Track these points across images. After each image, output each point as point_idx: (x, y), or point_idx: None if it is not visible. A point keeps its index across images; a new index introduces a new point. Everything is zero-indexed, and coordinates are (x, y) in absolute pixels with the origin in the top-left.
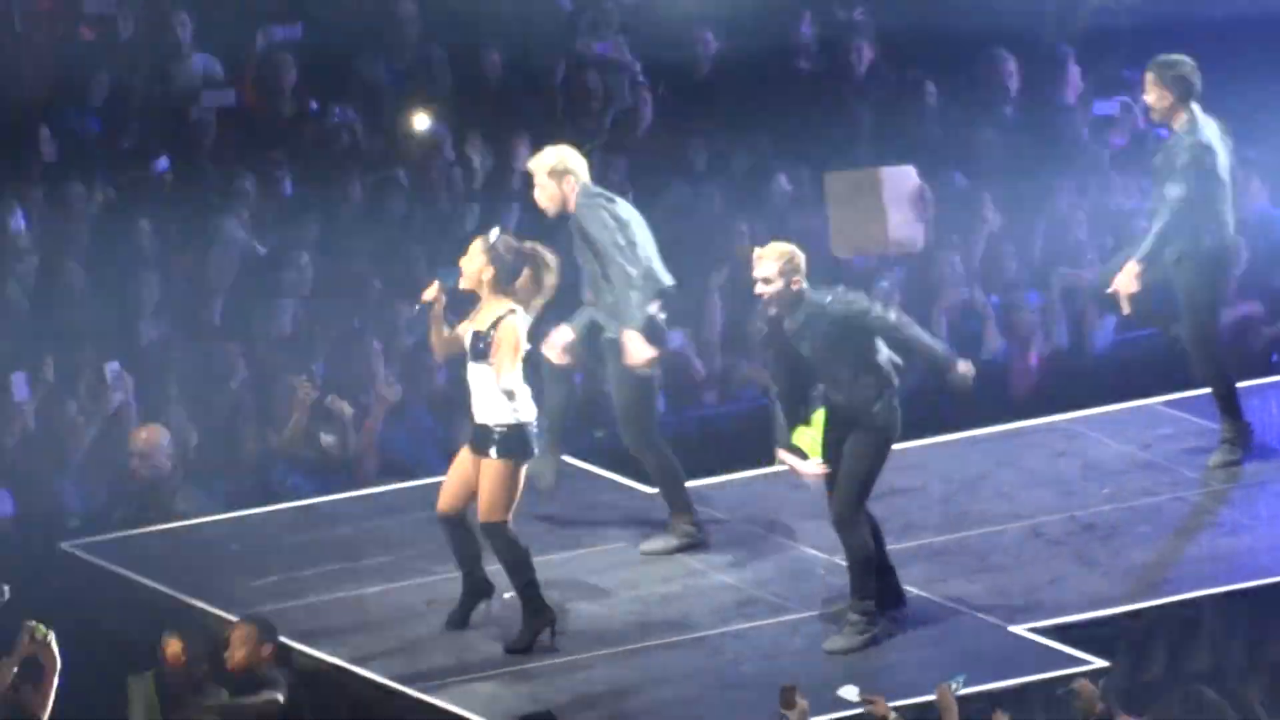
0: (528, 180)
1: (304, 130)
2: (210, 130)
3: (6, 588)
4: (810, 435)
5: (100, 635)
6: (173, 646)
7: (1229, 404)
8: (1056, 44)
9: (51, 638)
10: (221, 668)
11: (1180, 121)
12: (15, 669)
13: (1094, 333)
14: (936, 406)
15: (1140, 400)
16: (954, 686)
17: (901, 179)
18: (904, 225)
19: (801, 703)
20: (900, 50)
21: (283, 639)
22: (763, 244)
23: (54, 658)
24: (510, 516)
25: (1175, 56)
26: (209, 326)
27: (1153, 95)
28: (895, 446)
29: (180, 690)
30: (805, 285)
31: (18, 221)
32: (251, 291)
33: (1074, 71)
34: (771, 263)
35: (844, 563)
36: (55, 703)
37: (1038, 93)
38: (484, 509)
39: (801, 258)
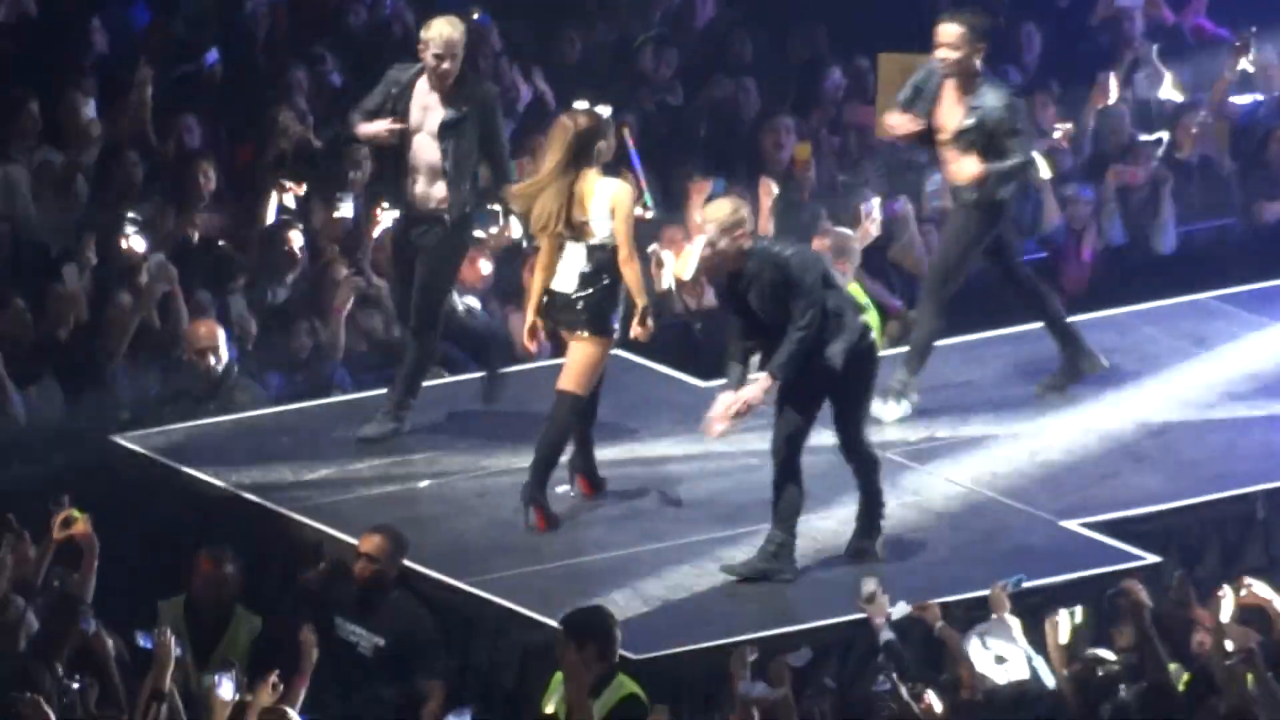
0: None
1: (354, 21)
2: (264, 22)
3: (66, 499)
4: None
5: (150, 528)
6: (205, 565)
7: None
8: None
9: (86, 521)
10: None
11: None
12: (49, 557)
13: (1149, 229)
14: (992, 298)
15: (1194, 295)
16: (1008, 587)
17: None
18: None
19: (881, 598)
20: None
21: (333, 531)
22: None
23: (92, 542)
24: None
25: None
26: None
27: None
28: (951, 340)
29: (210, 616)
30: (752, 239)
31: (89, 110)
32: (310, 184)
33: None
34: (713, 226)
35: (895, 457)
36: (103, 595)
37: None
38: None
39: (746, 209)
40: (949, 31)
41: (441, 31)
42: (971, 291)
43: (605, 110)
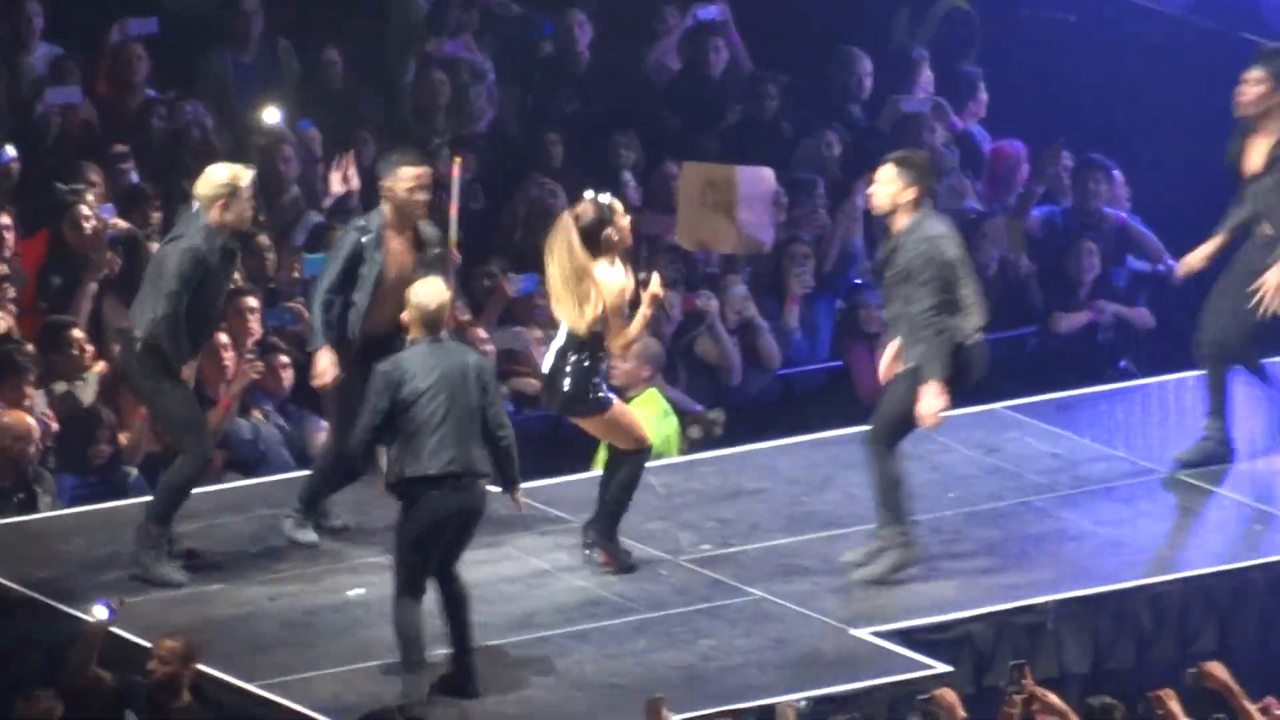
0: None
1: (153, 124)
2: (54, 125)
3: None
4: None
5: None
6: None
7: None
8: (911, 46)
9: None
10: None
11: None
12: None
13: None
14: (784, 409)
15: (986, 405)
16: (800, 706)
17: (757, 179)
18: (754, 225)
19: (667, 715)
20: (756, 49)
21: (124, 633)
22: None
23: None
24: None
25: None
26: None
27: None
28: (737, 449)
29: None
30: None
31: None
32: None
33: (926, 75)
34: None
35: (687, 564)
36: None
37: (889, 93)
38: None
39: None
40: None
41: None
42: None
43: (606, 198)
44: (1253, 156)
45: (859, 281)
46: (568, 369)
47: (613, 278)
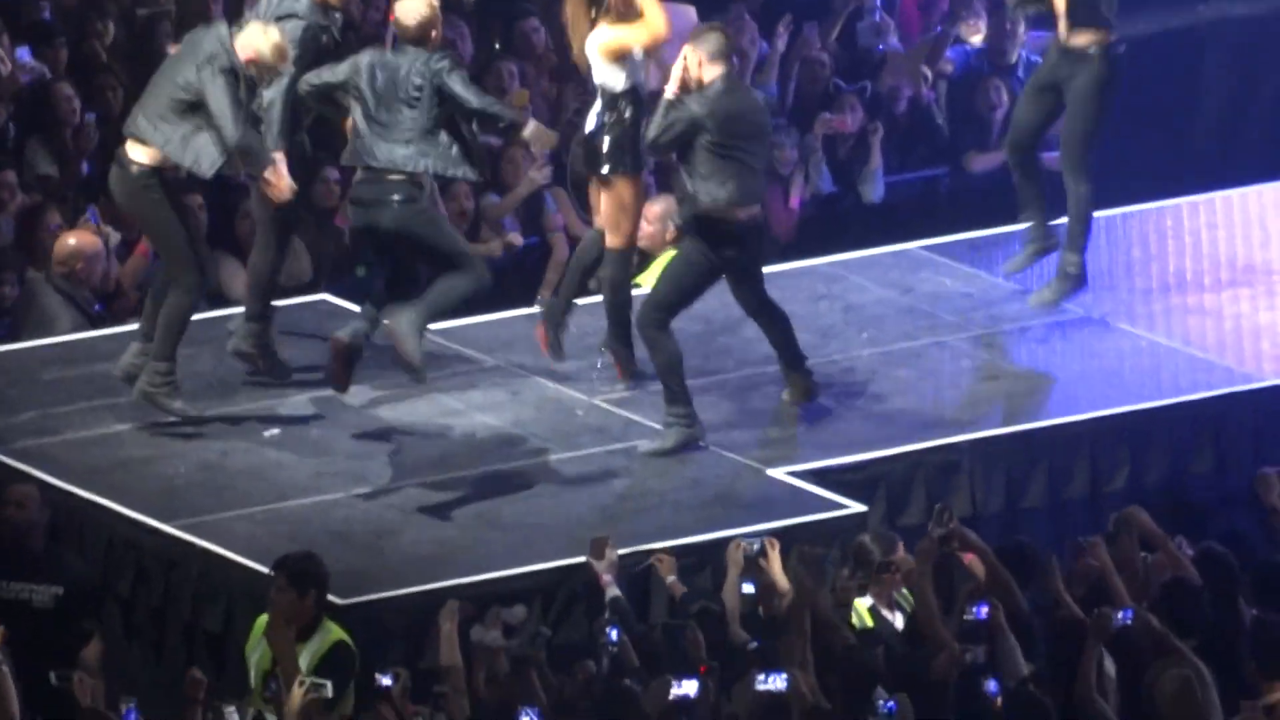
0: None
1: None
2: None
3: None
4: None
5: None
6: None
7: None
8: None
9: None
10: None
11: None
12: None
13: (858, 178)
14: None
15: (900, 245)
16: (749, 548)
17: (679, 15)
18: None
19: (611, 554)
20: None
21: (41, 475)
22: None
23: None
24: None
25: None
26: None
27: None
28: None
29: None
30: None
31: None
32: None
33: None
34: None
35: (602, 404)
36: None
37: None
38: None
39: None
40: None
41: None
42: None
43: None
44: None
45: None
46: (607, 127)
47: (604, 37)
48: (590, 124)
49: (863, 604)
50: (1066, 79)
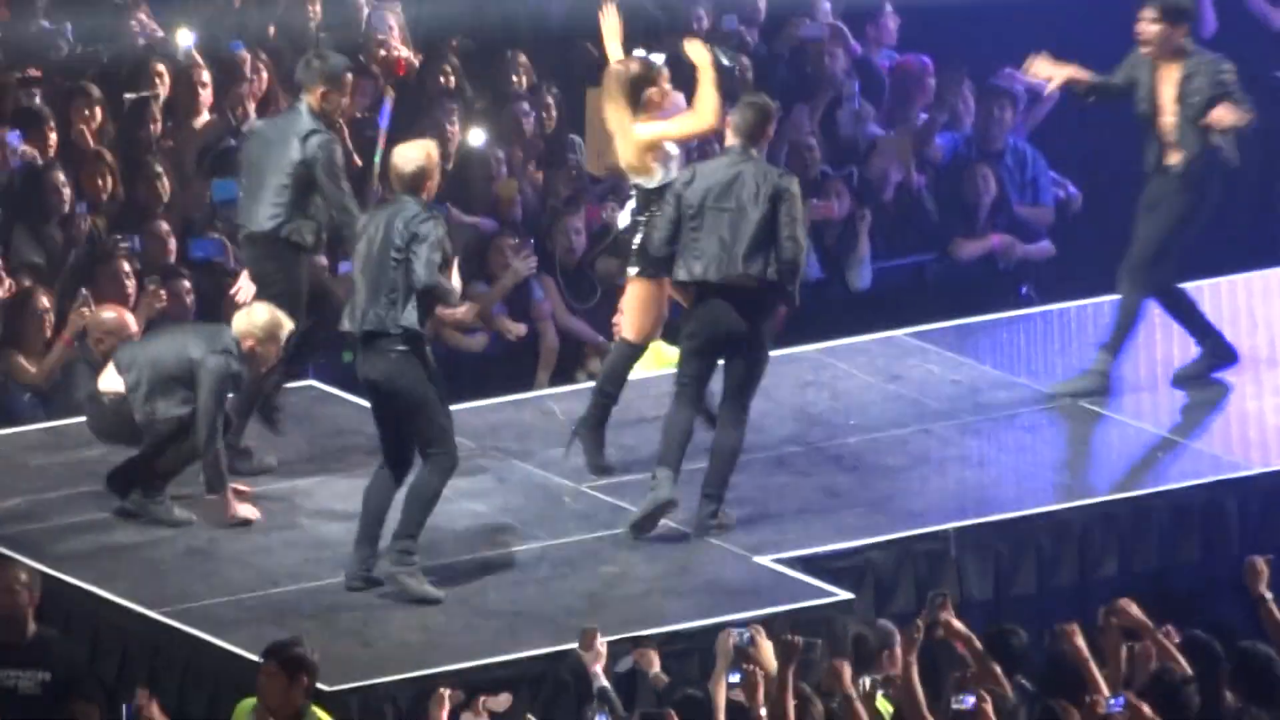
0: None
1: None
2: None
3: None
4: None
5: None
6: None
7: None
8: None
9: None
10: None
11: None
12: None
13: (846, 264)
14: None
15: (888, 332)
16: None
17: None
18: None
19: (600, 645)
20: None
21: (29, 561)
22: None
23: None
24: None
25: None
26: None
27: None
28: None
29: None
30: None
31: None
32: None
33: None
34: None
35: (589, 490)
36: None
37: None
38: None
39: None
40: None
41: None
42: None
43: (658, 58)
44: (1162, 91)
45: None
46: (639, 225)
47: (644, 131)
48: (624, 220)
49: (886, 705)
50: None
